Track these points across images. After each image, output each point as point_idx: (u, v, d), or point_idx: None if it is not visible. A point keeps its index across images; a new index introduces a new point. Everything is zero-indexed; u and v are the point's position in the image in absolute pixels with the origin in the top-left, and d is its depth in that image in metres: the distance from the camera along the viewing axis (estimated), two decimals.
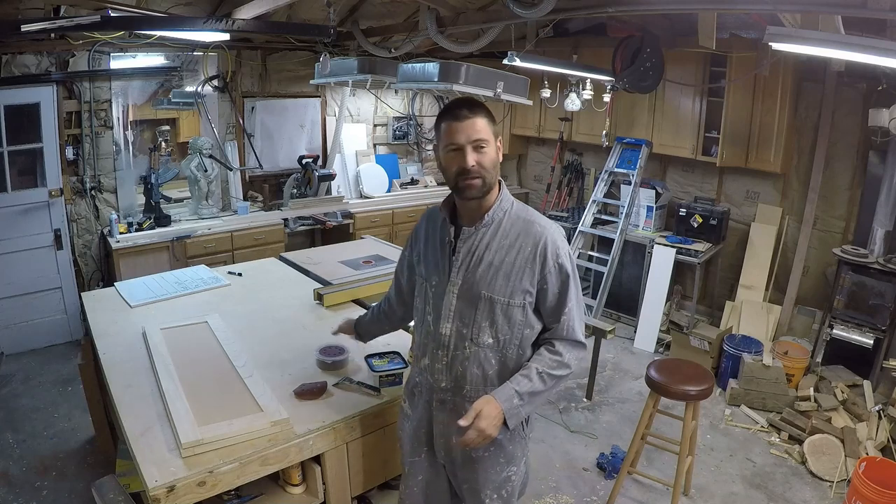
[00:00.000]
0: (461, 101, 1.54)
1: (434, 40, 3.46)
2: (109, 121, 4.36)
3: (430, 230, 1.69)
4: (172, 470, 1.55)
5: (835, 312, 3.82)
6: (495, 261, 1.55)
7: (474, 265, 1.56)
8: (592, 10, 2.71)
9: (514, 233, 1.56)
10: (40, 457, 3.02)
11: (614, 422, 3.55)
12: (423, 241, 1.70)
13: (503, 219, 1.57)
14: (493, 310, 1.55)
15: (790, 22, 2.51)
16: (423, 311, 1.68)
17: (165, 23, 3.42)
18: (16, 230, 4.02)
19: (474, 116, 1.49)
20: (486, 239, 1.56)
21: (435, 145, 1.64)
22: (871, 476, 2.55)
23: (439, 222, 1.66)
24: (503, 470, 1.65)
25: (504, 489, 1.66)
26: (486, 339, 1.56)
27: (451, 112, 1.51)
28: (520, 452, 1.68)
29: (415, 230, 1.78)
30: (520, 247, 1.55)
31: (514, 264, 1.54)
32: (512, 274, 1.54)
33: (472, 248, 1.57)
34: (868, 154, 3.96)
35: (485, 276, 1.54)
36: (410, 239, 1.80)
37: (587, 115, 4.98)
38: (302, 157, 5.21)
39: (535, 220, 1.58)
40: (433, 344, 1.62)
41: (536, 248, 1.54)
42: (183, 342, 2.26)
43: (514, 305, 1.55)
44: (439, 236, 1.64)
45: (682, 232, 4.66)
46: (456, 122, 1.49)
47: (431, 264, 1.65)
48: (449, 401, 1.63)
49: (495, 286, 1.54)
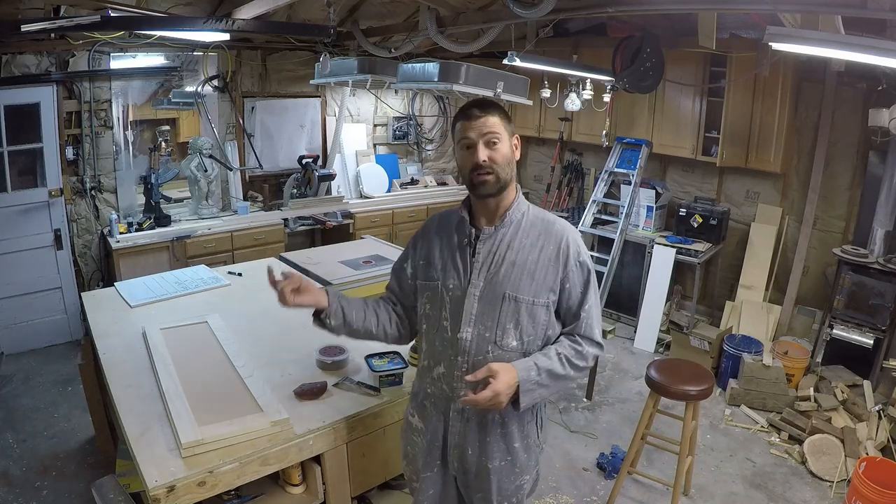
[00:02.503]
0: (474, 102, 1.56)
1: (434, 40, 3.46)
2: (109, 121, 4.36)
3: (443, 233, 1.64)
4: (172, 470, 1.55)
5: (835, 312, 3.82)
6: (518, 260, 1.53)
7: (496, 266, 1.53)
8: (592, 10, 2.71)
9: (534, 232, 1.56)
10: (40, 457, 3.02)
11: (614, 422, 3.55)
12: (434, 245, 1.64)
13: (522, 219, 1.57)
14: (518, 310, 1.52)
15: (790, 22, 2.51)
16: (437, 318, 1.59)
17: (165, 23, 3.42)
18: (16, 230, 4.03)
19: (486, 115, 1.50)
20: (507, 239, 1.55)
21: (453, 148, 1.64)
22: (871, 476, 2.55)
23: (454, 224, 1.63)
24: (517, 479, 1.64)
25: (515, 497, 1.66)
26: (511, 341, 1.53)
27: (463, 112, 1.53)
28: (533, 461, 1.67)
29: (422, 232, 1.72)
30: (542, 246, 1.54)
31: (537, 263, 1.53)
32: (536, 273, 1.53)
33: (492, 249, 1.55)
34: (868, 154, 3.96)
35: (508, 276, 1.52)
36: (414, 242, 1.72)
37: (587, 115, 4.98)
38: (302, 157, 5.21)
39: (554, 220, 1.60)
40: (451, 351, 1.56)
41: (559, 246, 1.54)
42: (183, 342, 2.26)
43: (538, 305, 1.53)
44: (455, 238, 1.60)
45: (682, 232, 4.66)
46: (468, 121, 1.51)
47: (449, 267, 1.58)
48: (468, 409, 1.56)
49: (520, 286, 1.52)
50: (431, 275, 1.62)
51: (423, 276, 1.65)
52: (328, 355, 2.14)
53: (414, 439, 1.70)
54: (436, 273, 1.61)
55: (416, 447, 1.69)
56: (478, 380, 1.42)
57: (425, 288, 1.63)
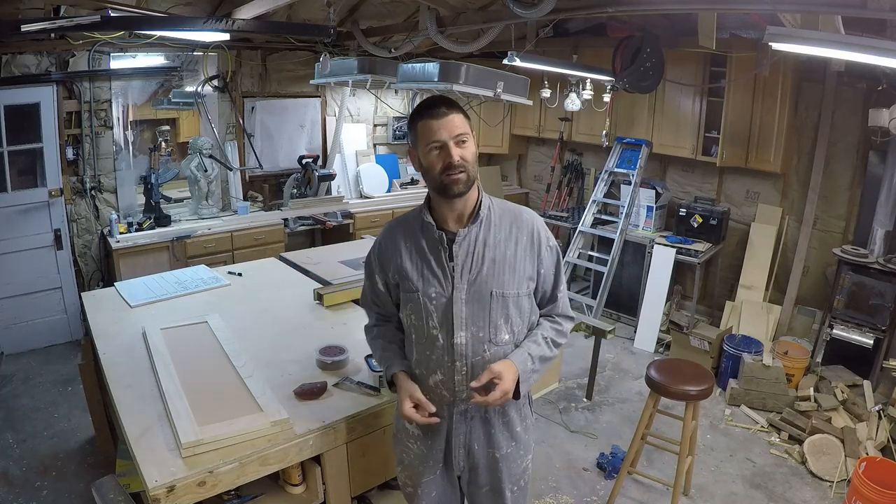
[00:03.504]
0: (436, 100, 1.51)
1: (434, 40, 3.46)
2: (109, 121, 4.36)
3: (408, 241, 1.59)
4: (172, 470, 1.55)
5: (835, 312, 3.82)
6: (497, 256, 1.54)
7: (477, 266, 1.53)
8: (592, 10, 2.71)
9: (505, 225, 1.57)
10: (40, 457, 3.02)
11: (614, 422, 3.55)
12: (402, 255, 1.58)
13: (489, 214, 1.57)
14: (507, 305, 1.54)
15: (790, 22, 2.51)
16: (424, 327, 1.56)
17: (165, 23, 3.42)
18: (16, 230, 4.02)
19: (452, 113, 1.47)
20: (482, 237, 1.54)
21: (410, 148, 1.59)
22: (871, 476, 2.55)
23: (417, 229, 1.58)
24: (522, 461, 1.69)
25: (522, 479, 1.70)
26: (504, 335, 1.55)
27: (427, 111, 1.48)
28: (532, 440, 1.73)
29: (380, 250, 1.65)
30: (516, 238, 1.56)
31: (515, 256, 1.55)
32: (517, 265, 1.55)
33: (469, 249, 1.53)
34: (868, 154, 3.96)
35: (492, 274, 1.53)
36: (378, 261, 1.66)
37: (587, 115, 4.98)
38: (302, 157, 5.21)
39: (520, 210, 1.63)
40: (448, 358, 1.54)
41: (531, 235, 1.58)
42: (183, 342, 2.26)
43: (522, 295, 1.57)
44: (426, 245, 1.56)
45: (682, 232, 4.66)
46: (434, 120, 1.46)
47: (426, 275, 1.55)
48: (471, 408, 1.58)
49: (504, 281, 1.53)
50: (408, 286, 1.58)
51: (401, 288, 1.61)
52: (328, 355, 2.14)
53: (409, 445, 1.68)
54: (412, 284, 1.57)
55: (411, 453, 1.68)
56: (482, 384, 1.47)
57: (406, 300, 1.60)
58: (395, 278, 1.61)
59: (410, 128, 1.55)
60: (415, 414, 1.52)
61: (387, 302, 1.70)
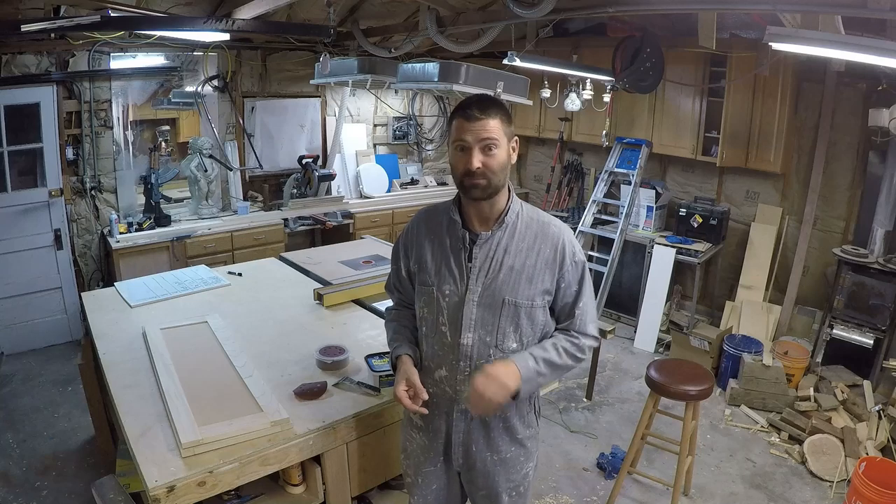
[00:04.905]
0: (475, 100, 1.48)
1: (434, 40, 3.46)
2: (109, 121, 4.36)
3: (433, 236, 1.60)
4: (172, 470, 1.55)
5: (835, 312, 3.82)
6: (516, 265, 1.51)
7: (494, 271, 1.51)
8: (592, 10, 2.71)
9: (530, 235, 1.54)
10: (40, 457, 3.02)
11: (614, 422, 3.55)
12: (425, 248, 1.59)
13: (517, 221, 1.55)
14: (518, 314, 1.52)
15: (790, 22, 2.51)
16: (434, 322, 1.57)
17: (165, 23, 3.43)
18: (16, 230, 4.02)
19: (486, 118, 1.43)
20: (504, 243, 1.53)
21: (447, 141, 1.60)
22: (871, 476, 2.55)
23: (444, 225, 1.58)
24: (522, 468, 1.67)
25: (522, 485, 1.68)
26: (511, 343, 1.53)
27: (462, 110, 1.46)
28: (536, 448, 1.71)
29: (407, 236, 1.66)
30: (539, 249, 1.53)
31: (535, 267, 1.52)
32: (534, 277, 1.52)
33: (489, 254, 1.52)
34: (868, 154, 3.96)
35: (507, 282, 1.51)
36: (403, 247, 1.67)
37: (587, 115, 4.98)
38: (302, 157, 5.21)
39: (549, 221, 1.58)
40: (452, 356, 1.55)
41: (556, 249, 1.53)
42: (183, 342, 2.26)
43: (536, 307, 1.53)
44: (449, 242, 1.56)
45: (682, 232, 4.66)
46: (466, 121, 1.44)
47: (444, 272, 1.55)
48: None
49: (518, 290, 1.51)
50: (425, 279, 1.59)
51: (417, 279, 1.62)
52: (328, 355, 2.14)
53: (413, 435, 1.70)
54: (429, 278, 1.57)
55: (414, 443, 1.70)
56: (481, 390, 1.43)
57: (421, 292, 1.61)
58: (415, 268, 1.62)
59: (448, 121, 1.55)
60: (405, 397, 1.52)
61: (408, 289, 1.70)
